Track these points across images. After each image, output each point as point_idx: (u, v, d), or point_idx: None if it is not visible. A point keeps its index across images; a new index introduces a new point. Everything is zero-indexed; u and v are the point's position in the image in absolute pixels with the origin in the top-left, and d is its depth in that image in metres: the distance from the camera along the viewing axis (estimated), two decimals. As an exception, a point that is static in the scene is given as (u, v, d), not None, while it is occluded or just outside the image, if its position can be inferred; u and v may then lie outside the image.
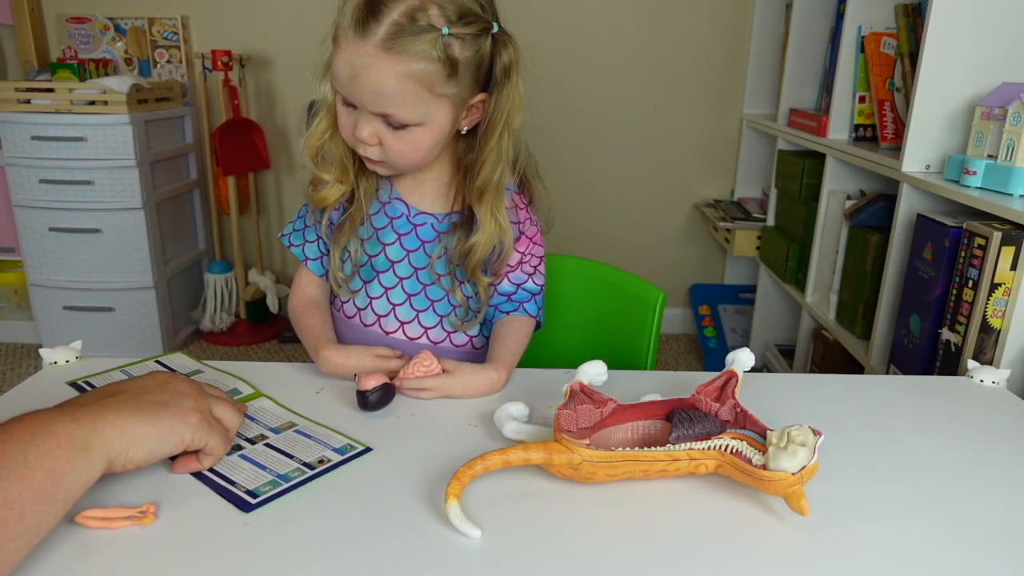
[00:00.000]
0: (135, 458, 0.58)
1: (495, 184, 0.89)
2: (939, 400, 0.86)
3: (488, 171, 0.88)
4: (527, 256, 0.97)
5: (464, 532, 0.57)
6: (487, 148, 0.87)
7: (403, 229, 0.94)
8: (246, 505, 0.61)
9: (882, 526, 0.61)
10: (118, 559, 0.54)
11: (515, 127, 0.88)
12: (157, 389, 0.63)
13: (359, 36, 0.76)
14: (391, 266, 0.94)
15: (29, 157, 2.16)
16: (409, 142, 0.83)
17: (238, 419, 0.69)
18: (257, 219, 2.62)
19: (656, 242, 2.69)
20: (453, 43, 0.78)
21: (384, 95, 0.78)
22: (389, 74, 0.77)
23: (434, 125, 0.83)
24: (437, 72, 0.78)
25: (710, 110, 2.55)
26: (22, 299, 2.53)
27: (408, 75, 0.77)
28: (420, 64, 0.77)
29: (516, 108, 0.87)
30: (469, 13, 0.79)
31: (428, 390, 0.81)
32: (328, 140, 0.90)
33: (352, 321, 0.96)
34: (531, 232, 0.98)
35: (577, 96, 2.53)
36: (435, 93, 0.80)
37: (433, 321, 0.96)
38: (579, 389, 0.70)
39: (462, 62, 0.80)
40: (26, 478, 0.49)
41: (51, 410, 0.56)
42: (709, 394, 0.71)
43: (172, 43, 2.49)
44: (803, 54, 2.11)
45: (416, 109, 0.80)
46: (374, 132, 0.82)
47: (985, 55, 1.29)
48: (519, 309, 0.96)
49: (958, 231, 1.16)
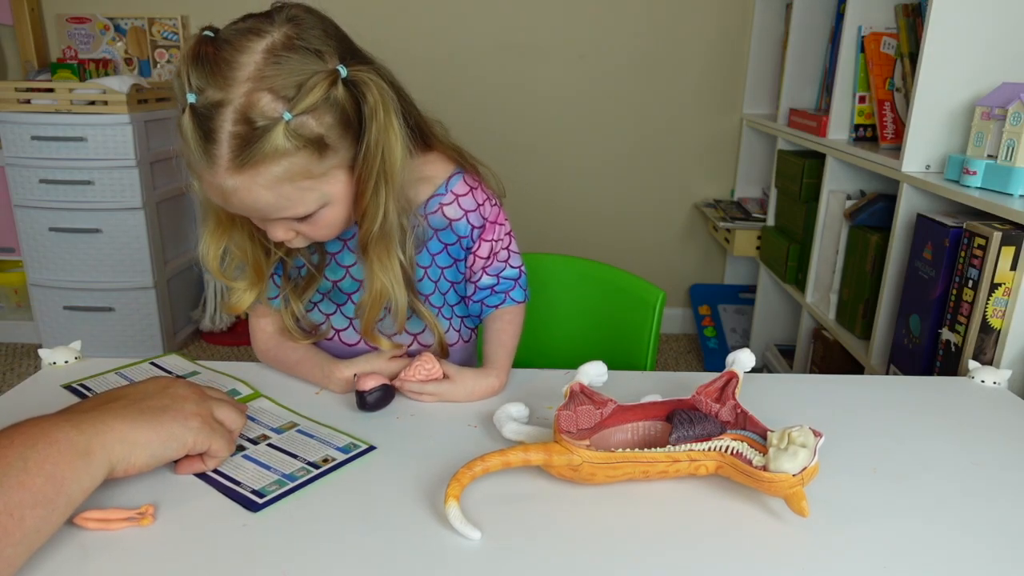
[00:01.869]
0: (137, 463, 0.58)
1: (377, 237, 0.78)
2: (939, 400, 0.86)
3: (367, 225, 0.77)
4: (497, 243, 0.93)
5: (464, 533, 0.57)
6: (363, 201, 0.76)
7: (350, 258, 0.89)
8: (253, 505, 0.61)
9: (882, 526, 0.61)
10: (117, 560, 0.54)
11: (395, 172, 0.75)
12: (158, 394, 0.63)
13: (208, 164, 0.67)
14: (359, 286, 0.89)
15: (29, 157, 2.16)
16: (324, 223, 0.76)
17: (240, 420, 0.69)
18: (257, 219, 2.62)
19: (656, 242, 2.69)
20: (305, 122, 0.68)
21: (268, 208, 0.71)
22: (259, 189, 0.68)
23: (338, 199, 0.75)
24: (305, 159, 0.69)
25: (710, 110, 2.55)
26: (22, 299, 2.53)
27: (278, 180, 0.68)
28: (283, 164, 0.68)
29: (391, 151, 0.74)
30: (306, 76, 0.68)
31: (429, 395, 0.81)
32: (228, 243, 0.82)
33: (332, 343, 0.92)
34: (493, 215, 0.92)
35: (577, 96, 2.53)
36: (316, 176, 0.71)
37: (419, 327, 0.92)
38: (579, 390, 0.70)
39: (326, 133, 0.70)
40: (26, 484, 0.49)
41: (52, 416, 0.56)
42: (709, 395, 0.71)
43: (172, 43, 2.49)
44: (803, 54, 2.10)
45: (307, 199, 0.72)
46: (287, 229, 0.75)
47: (985, 55, 1.29)
48: (505, 300, 0.93)
49: (958, 231, 1.16)
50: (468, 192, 0.91)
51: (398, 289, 0.81)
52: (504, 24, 2.42)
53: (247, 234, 0.82)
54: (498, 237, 0.93)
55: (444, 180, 0.89)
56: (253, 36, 0.68)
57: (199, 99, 0.66)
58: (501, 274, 0.94)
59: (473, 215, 0.91)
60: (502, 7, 2.40)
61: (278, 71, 0.67)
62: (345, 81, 0.70)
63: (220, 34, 0.70)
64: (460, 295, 0.95)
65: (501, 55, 2.46)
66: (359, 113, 0.72)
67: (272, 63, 0.67)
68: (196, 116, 0.66)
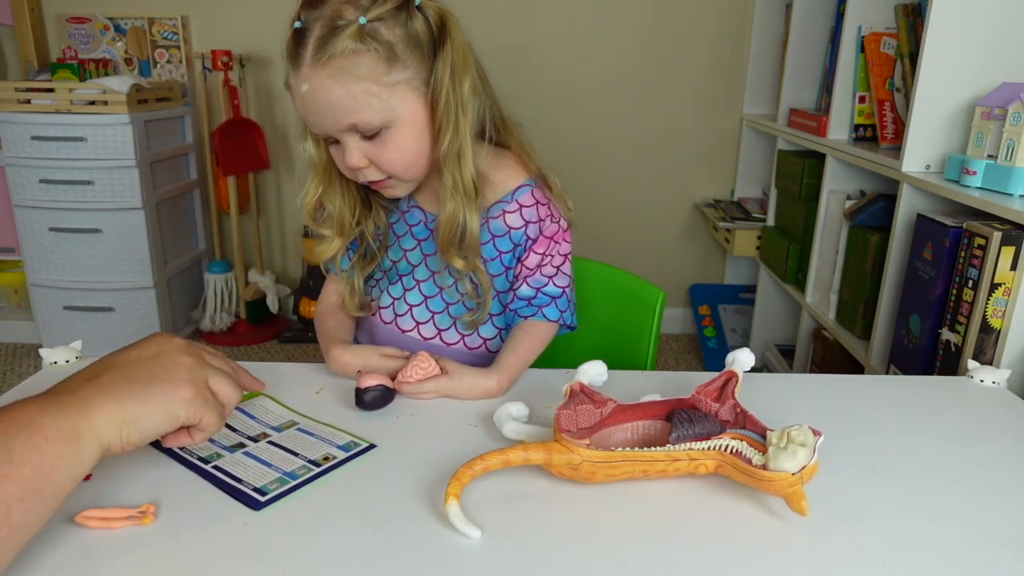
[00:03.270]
0: (129, 442, 0.55)
1: (450, 156, 0.83)
2: (939, 400, 0.86)
3: (440, 142, 0.82)
4: (547, 257, 0.93)
5: (464, 532, 0.57)
6: (435, 120, 0.82)
7: (421, 235, 0.94)
8: (255, 503, 0.61)
9: (882, 526, 0.61)
10: (118, 559, 0.54)
11: (464, 92, 0.81)
12: (150, 360, 0.60)
13: (295, 67, 0.77)
14: (412, 270, 0.95)
15: (29, 157, 2.16)
16: (392, 147, 0.81)
17: (235, 394, 0.65)
18: (257, 219, 2.62)
19: (656, 242, 2.69)
20: (377, 28, 0.76)
21: (338, 107, 0.78)
22: (332, 84, 0.76)
23: (404, 120, 0.80)
24: (375, 62, 0.76)
25: (710, 110, 2.55)
26: (22, 299, 2.53)
27: (349, 77, 0.76)
28: (354, 61, 0.76)
29: (460, 71, 0.81)
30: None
31: (428, 392, 0.81)
32: (323, 196, 0.91)
33: (372, 317, 0.98)
34: (551, 231, 0.93)
35: (577, 96, 2.53)
36: (385, 84, 0.78)
37: (447, 323, 0.95)
38: (579, 389, 0.70)
39: (396, 43, 0.77)
40: (11, 476, 0.47)
41: (37, 398, 0.53)
42: (709, 394, 0.71)
43: (172, 43, 2.49)
44: (803, 54, 2.11)
45: (375, 108, 0.78)
46: (359, 153, 0.81)
47: (985, 55, 1.29)
48: (537, 314, 0.92)
49: (958, 231, 1.16)
50: (534, 205, 0.92)
51: (470, 212, 0.85)
52: (503, 24, 2.42)
53: (341, 190, 0.91)
54: (550, 253, 0.93)
55: (512, 189, 0.91)
56: None
57: (301, 25, 0.77)
58: (542, 288, 0.93)
59: (532, 227, 0.92)
60: (501, 7, 2.40)
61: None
62: (418, 7, 0.79)
63: None
64: (502, 305, 0.95)
65: (500, 55, 2.45)
66: (432, 42, 0.80)
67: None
68: (295, 34, 0.77)
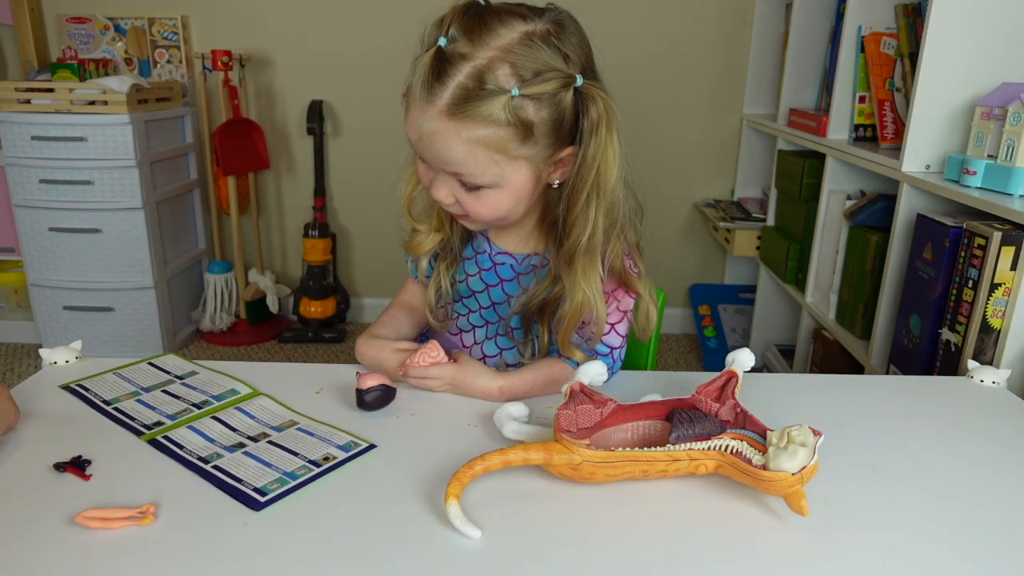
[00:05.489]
0: None
1: (584, 249, 0.80)
2: (939, 400, 0.86)
3: (576, 236, 0.79)
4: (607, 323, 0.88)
5: (464, 532, 0.57)
6: (574, 211, 0.79)
7: (484, 264, 0.92)
8: (255, 503, 0.61)
9: (882, 526, 0.61)
10: (118, 559, 0.54)
11: (608, 189, 0.78)
12: None
13: (425, 100, 0.72)
14: (472, 294, 0.93)
15: (29, 157, 2.16)
16: (486, 203, 0.79)
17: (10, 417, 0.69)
18: (257, 219, 2.62)
19: (656, 242, 2.69)
20: (526, 105, 0.72)
21: (452, 161, 0.75)
22: (455, 140, 0.73)
23: (511, 187, 0.77)
24: (509, 136, 0.73)
25: (710, 110, 2.55)
26: (22, 299, 2.53)
27: (476, 141, 0.73)
28: (488, 129, 0.72)
29: (607, 168, 0.77)
30: (547, 68, 0.72)
31: (433, 379, 0.81)
32: (422, 190, 0.88)
33: (456, 341, 0.97)
34: (626, 305, 0.89)
35: (577, 96, 2.53)
36: (509, 156, 0.75)
37: (509, 344, 0.93)
38: (579, 389, 0.70)
39: (537, 123, 0.73)
40: None
41: None
42: (709, 394, 0.71)
43: (172, 43, 2.49)
44: (803, 54, 2.10)
45: (489, 172, 0.75)
46: (450, 192, 0.79)
47: (985, 55, 1.29)
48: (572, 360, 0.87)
49: (958, 231, 1.16)
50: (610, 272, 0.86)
51: (599, 301, 0.83)
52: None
53: None
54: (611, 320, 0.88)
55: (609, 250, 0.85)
56: (519, 18, 0.74)
57: (448, 45, 0.72)
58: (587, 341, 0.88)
59: None
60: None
61: (526, 53, 0.72)
62: (577, 90, 0.75)
63: (492, 4, 0.75)
64: None
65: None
66: (575, 123, 0.76)
67: (524, 45, 0.72)
68: (438, 58, 0.71)
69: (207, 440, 0.71)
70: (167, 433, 0.72)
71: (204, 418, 0.76)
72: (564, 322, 0.84)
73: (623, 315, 0.89)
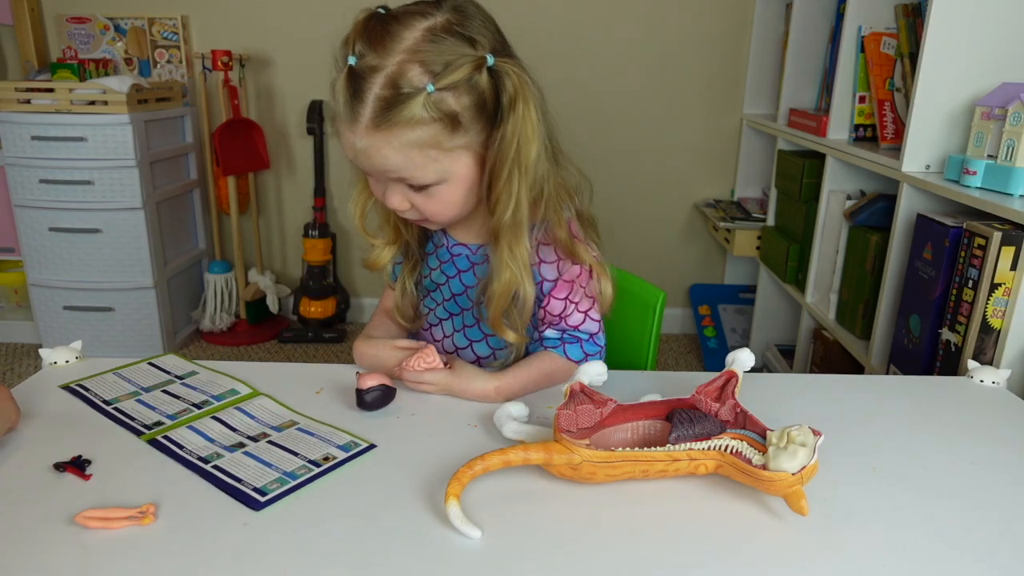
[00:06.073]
0: None
1: (509, 225, 0.81)
2: (939, 400, 0.86)
3: (500, 212, 0.80)
4: (571, 305, 0.88)
5: (464, 532, 0.57)
6: (497, 187, 0.79)
7: (444, 257, 0.94)
8: (255, 503, 0.61)
9: (882, 526, 0.61)
10: (118, 559, 0.54)
11: (529, 164, 0.79)
12: None
13: (350, 120, 0.74)
14: (437, 287, 0.96)
15: (29, 157, 2.16)
16: (439, 200, 0.80)
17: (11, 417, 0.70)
18: (257, 219, 2.62)
19: (656, 242, 2.69)
20: (445, 97, 0.73)
21: (393, 168, 0.77)
22: (389, 150, 0.74)
23: (457, 179, 0.79)
24: (437, 131, 0.74)
25: (710, 110, 2.55)
26: (22, 299, 2.53)
27: (408, 145, 0.74)
28: (416, 131, 0.73)
29: (527, 143, 0.78)
30: (456, 57, 0.73)
31: (427, 384, 0.82)
32: (373, 207, 0.90)
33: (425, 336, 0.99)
34: (572, 274, 0.87)
35: (577, 96, 2.52)
36: (444, 150, 0.76)
37: (479, 336, 0.94)
38: (579, 389, 0.70)
39: (461, 112, 0.75)
40: None
41: None
42: (709, 394, 0.71)
43: (172, 43, 2.49)
44: (803, 54, 2.10)
45: (431, 170, 0.77)
46: (403, 198, 0.81)
47: (985, 55, 1.29)
48: (559, 348, 0.88)
49: (958, 231, 1.16)
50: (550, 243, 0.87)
51: (527, 280, 0.84)
52: (502, 24, 2.42)
53: None
54: (574, 299, 0.88)
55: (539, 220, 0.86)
56: (418, 16, 0.75)
57: (358, 62, 0.73)
58: (567, 331, 0.89)
59: (547, 267, 0.87)
60: (500, 7, 2.40)
61: (432, 48, 0.73)
62: (490, 70, 0.75)
63: (390, 11, 0.76)
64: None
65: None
66: (497, 102, 0.77)
67: (429, 41, 0.73)
68: (351, 77, 0.73)
69: (207, 440, 0.71)
70: (167, 433, 0.72)
71: (204, 418, 0.76)
72: (492, 300, 0.85)
73: (592, 301, 0.90)
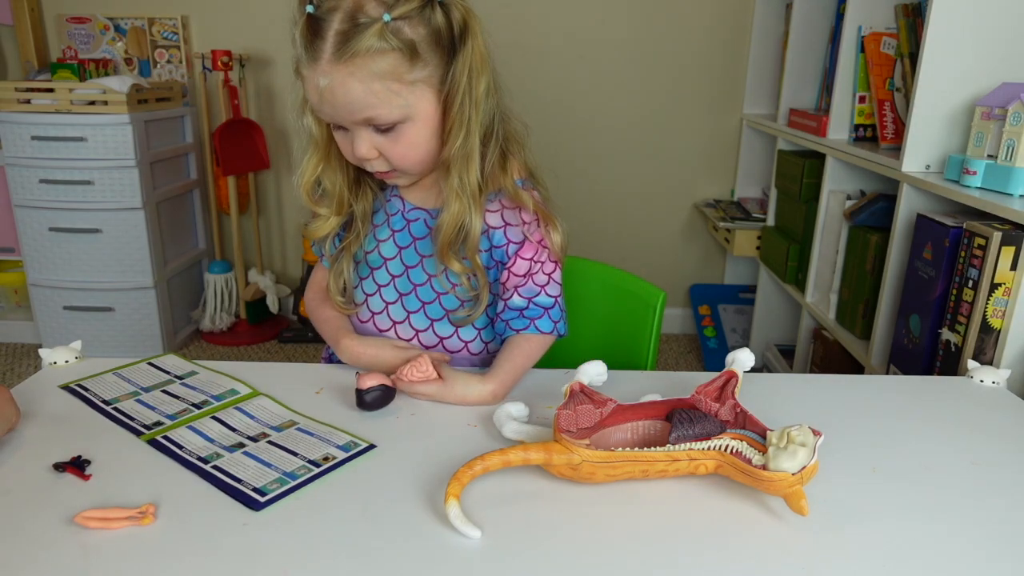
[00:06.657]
0: None
1: (460, 154, 0.83)
2: (939, 400, 0.86)
3: (451, 142, 0.82)
4: (536, 264, 0.89)
5: (464, 532, 0.57)
6: (450, 116, 0.82)
7: (397, 225, 0.93)
8: (255, 503, 0.61)
9: (882, 526, 0.61)
10: (118, 559, 0.54)
11: (480, 93, 0.82)
12: None
13: (312, 59, 0.76)
14: (383, 263, 0.94)
15: (29, 157, 2.16)
16: (405, 142, 0.82)
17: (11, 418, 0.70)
18: (257, 219, 2.62)
19: (656, 242, 2.69)
20: (401, 26, 0.76)
21: (357, 104, 0.78)
22: (352, 82, 0.76)
23: (421, 117, 0.81)
24: (398, 61, 0.76)
25: (710, 110, 2.55)
26: (22, 299, 2.53)
27: (371, 75, 0.76)
28: (377, 61, 0.75)
29: (477, 72, 0.81)
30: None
31: (421, 395, 0.81)
32: (321, 174, 0.91)
33: (367, 326, 0.96)
34: (538, 235, 0.89)
35: (577, 96, 2.52)
36: (406, 82, 0.78)
37: (424, 324, 0.93)
38: (579, 389, 0.70)
39: (419, 41, 0.77)
40: None
41: None
42: (709, 394, 0.71)
43: (172, 43, 2.49)
44: (803, 54, 2.10)
45: (394, 105, 0.78)
46: (370, 145, 0.82)
47: (985, 55, 1.29)
48: (530, 327, 0.88)
49: (958, 231, 1.16)
50: (515, 208, 0.89)
51: (475, 212, 0.85)
52: (502, 24, 2.42)
53: (339, 168, 0.91)
54: (539, 259, 0.90)
55: (497, 188, 0.89)
56: None
57: (316, 9, 0.76)
58: (534, 298, 0.89)
59: (513, 230, 0.89)
60: (499, 7, 2.40)
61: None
62: (442, 4, 0.78)
63: None
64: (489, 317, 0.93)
65: (499, 55, 2.46)
66: (452, 38, 0.79)
67: None
68: (311, 21, 0.75)
69: (207, 440, 0.71)
70: (167, 433, 0.72)
71: (204, 418, 0.76)
72: (441, 232, 0.86)
73: (555, 264, 0.91)
